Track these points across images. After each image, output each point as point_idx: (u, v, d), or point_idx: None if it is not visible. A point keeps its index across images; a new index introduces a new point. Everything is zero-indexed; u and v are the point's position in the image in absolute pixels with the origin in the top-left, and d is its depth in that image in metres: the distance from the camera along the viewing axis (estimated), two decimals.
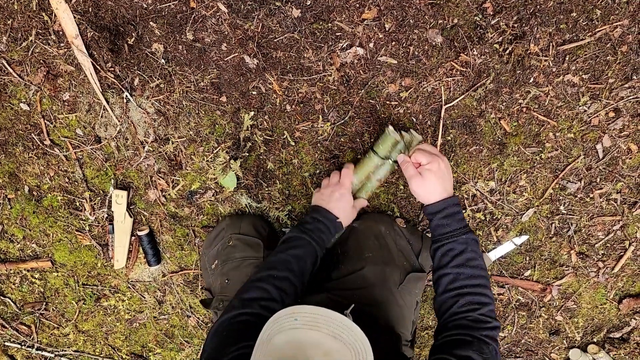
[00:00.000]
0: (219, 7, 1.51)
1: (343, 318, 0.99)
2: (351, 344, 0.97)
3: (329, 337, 0.97)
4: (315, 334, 0.97)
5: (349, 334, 0.98)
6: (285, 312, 1.00)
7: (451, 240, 1.25)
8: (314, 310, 1.00)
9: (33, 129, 1.69)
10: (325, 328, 0.98)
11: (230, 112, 1.64)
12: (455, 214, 1.28)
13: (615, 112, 1.62)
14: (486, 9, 1.50)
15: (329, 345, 0.96)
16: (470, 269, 1.21)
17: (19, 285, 1.99)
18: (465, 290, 1.19)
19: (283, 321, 0.99)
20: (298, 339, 0.97)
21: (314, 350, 0.95)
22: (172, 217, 1.82)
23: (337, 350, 0.95)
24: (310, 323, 0.98)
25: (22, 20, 1.53)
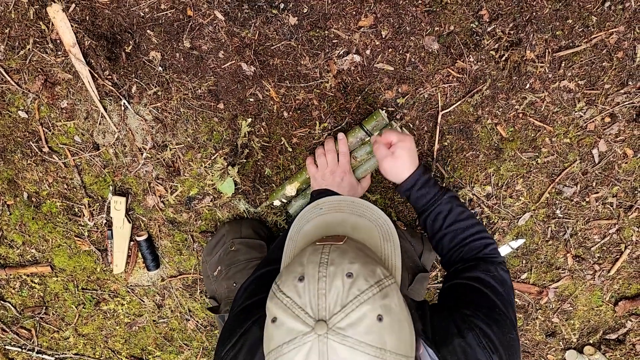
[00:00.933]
0: (216, 15, 1.51)
1: (364, 201, 1.07)
2: (375, 220, 1.04)
3: (354, 216, 1.04)
4: (340, 215, 1.04)
5: (371, 212, 1.05)
6: (309, 206, 1.08)
7: (436, 205, 1.29)
8: (337, 198, 1.08)
9: (31, 136, 1.69)
10: (349, 210, 1.05)
11: (228, 118, 1.65)
12: (429, 180, 1.32)
13: (611, 118, 1.63)
14: (482, 16, 1.51)
15: (355, 221, 1.03)
16: (463, 221, 1.27)
17: (19, 289, 2.00)
18: (467, 240, 1.25)
19: (309, 213, 1.07)
20: (325, 221, 1.04)
21: (342, 227, 1.02)
22: (170, 222, 1.83)
23: (363, 224, 1.02)
24: (335, 208, 1.06)
25: (19, 29, 1.53)
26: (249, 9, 1.50)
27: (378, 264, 0.86)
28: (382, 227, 1.03)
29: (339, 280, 0.79)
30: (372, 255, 0.92)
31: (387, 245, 1.00)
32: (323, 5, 1.50)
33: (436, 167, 1.70)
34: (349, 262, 0.82)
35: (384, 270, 0.86)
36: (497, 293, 1.11)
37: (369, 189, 1.74)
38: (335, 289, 0.79)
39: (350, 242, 0.91)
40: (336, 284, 0.79)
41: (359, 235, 1.00)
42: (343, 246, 0.88)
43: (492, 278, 1.14)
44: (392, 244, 1.00)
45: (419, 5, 1.49)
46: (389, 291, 0.82)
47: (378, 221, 1.04)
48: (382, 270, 0.85)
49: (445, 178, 1.72)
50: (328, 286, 0.79)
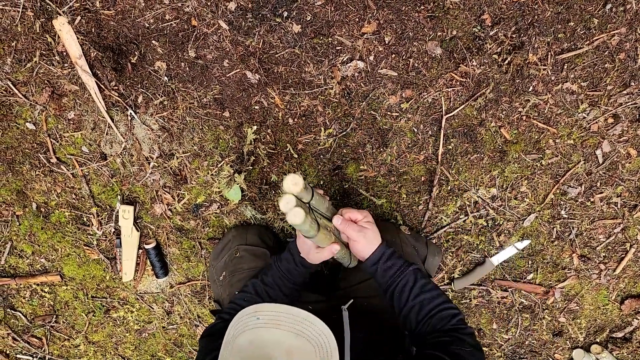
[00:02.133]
0: (220, 24, 1.52)
1: (305, 314, 0.99)
2: (314, 339, 0.97)
3: (291, 335, 0.96)
4: (277, 332, 0.97)
5: (311, 329, 0.98)
6: (247, 310, 1.01)
7: (402, 277, 1.27)
8: (276, 308, 1.00)
9: (39, 147, 1.71)
10: (287, 325, 0.97)
11: (234, 126, 1.66)
12: (393, 253, 1.30)
13: (614, 118, 1.64)
14: (484, 21, 1.52)
15: (291, 343, 0.96)
16: (429, 292, 1.24)
17: (29, 299, 2.02)
18: (434, 311, 1.22)
19: (246, 320, 1.00)
20: (260, 337, 0.97)
21: (276, 349, 0.95)
22: (178, 230, 1.84)
23: (299, 347, 0.95)
24: (272, 321, 0.98)
25: (25, 42, 1.55)
26: (253, 17, 1.51)
27: None
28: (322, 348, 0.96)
29: None
30: None
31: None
32: (326, 13, 1.51)
33: (441, 170, 1.71)
34: None
35: None
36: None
37: (375, 192, 1.76)
38: None
39: None
40: None
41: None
42: None
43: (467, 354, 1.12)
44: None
45: (421, 11, 1.51)
46: None
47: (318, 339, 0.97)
48: None
49: (450, 181, 1.73)
50: None
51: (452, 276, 1.93)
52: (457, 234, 1.84)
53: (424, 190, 1.77)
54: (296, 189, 1.09)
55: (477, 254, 1.88)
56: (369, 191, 1.76)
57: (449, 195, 1.77)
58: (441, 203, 1.78)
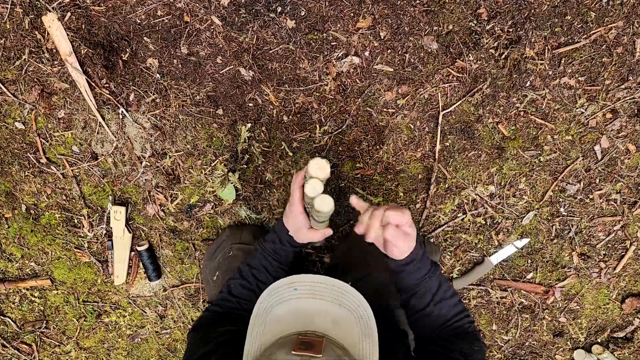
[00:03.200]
0: (213, 20, 1.50)
1: (343, 284, 0.97)
2: (355, 310, 0.95)
3: (334, 305, 0.95)
4: (319, 302, 0.95)
5: (350, 299, 0.96)
6: (283, 282, 0.98)
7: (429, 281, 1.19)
8: (314, 279, 0.98)
9: (29, 147, 1.67)
10: (328, 296, 0.96)
11: (227, 124, 1.63)
12: (425, 254, 1.21)
13: (612, 113, 1.62)
14: (481, 15, 1.50)
15: (335, 313, 0.94)
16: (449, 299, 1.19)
17: (18, 304, 1.97)
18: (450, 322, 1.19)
19: (282, 291, 0.97)
20: (302, 308, 0.94)
21: (322, 318, 0.93)
22: (171, 231, 1.81)
23: (344, 317, 0.94)
24: (312, 291, 0.96)
25: (14, 39, 1.52)
26: (246, 13, 1.49)
27: None
28: (362, 319, 0.95)
29: None
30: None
31: (366, 343, 0.92)
32: (321, 8, 1.49)
33: (438, 167, 1.69)
34: None
35: None
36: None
37: (371, 191, 1.73)
38: None
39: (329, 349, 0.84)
40: None
41: (339, 333, 0.92)
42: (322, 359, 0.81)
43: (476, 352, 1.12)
44: (371, 340, 0.93)
45: (417, 5, 1.49)
46: None
47: (358, 311, 0.95)
48: None
49: (448, 179, 1.71)
50: None
51: (451, 276, 1.90)
52: (455, 232, 1.81)
53: (421, 188, 1.74)
54: (322, 174, 1.07)
55: (475, 253, 1.85)
56: (366, 190, 1.73)
57: (447, 193, 1.74)
58: (439, 201, 1.76)
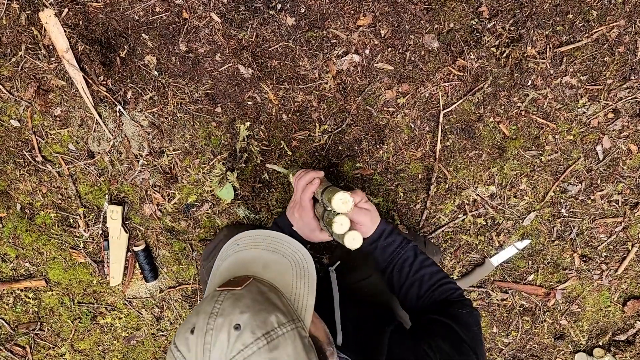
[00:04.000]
0: (212, 17, 1.48)
1: (282, 235, 1.04)
2: (290, 255, 1.01)
3: (267, 252, 1.02)
4: (254, 251, 1.02)
5: (287, 247, 1.02)
6: (229, 242, 1.06)
7: (402, 253, 1.26)
8: (255, 233, 1.06)
9: (24, 145, 1.65)
10: (264, 245, 1.03)
11: (226, 123, 1.62)
12: (394, 229, 1.30)
13: (614, 113, 1.61)
14: (482, 13, 1.49)
15: (268, 257, 1.00)
16: (429, 267, 1.24)
17: (12, 305, 1.94)
18: (435, 286, 1.22)
19: (227, 249, 1.05)
20: (240, 258, 1.02)
21: (253, 264, 0.99)
22: (168, 231, 1.78)
23: (276, 261, 0.99)
24: (251, 244, 1.04)
25: (11, 36, 1.50)
26: (246, 10, 1.48)
27: (275, 311, 0.82)
28: (298, 263, 0.99)
29: (225, 333, 0.76)
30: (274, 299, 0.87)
31: (301, 283, 0.96)
32: (321, 5, 1.48)
33: (439, 167, 1.67)
34: (239, 311, 0.79)
35: (281, 317, 0.82)
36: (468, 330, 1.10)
37: (371, 191, 1.71)
38: (220, 343, 0.76)
39: (252, 286, 0.88)
40: (221, 337, 0.76)
41: (269, 275, 0.96)
42: (240, 292, 0.84)
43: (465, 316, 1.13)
44: (307, 282, 0.96)
45: (417, 3, 1.48)
46: (281, 342, 0.78)
47: (294, 256, 1.01)
48: (278, 317, 0.81)
49: (449, 179, 1.69)
50: (213, 340, 0.76)
51: (451, 277, 1.88)
52: (455, 233, 1.79)
53: (421, 188, 1.72)
54: (345, 208, 1.13)
55: (476, 255, 1.83)
56: (365, 189, 1.71)
57: (447, 193, 1.72)
58: (439, 201, 1.74)
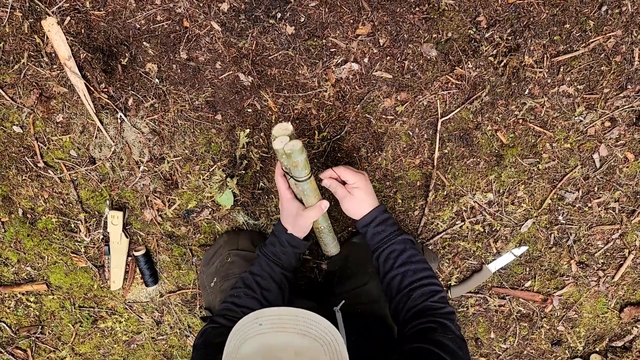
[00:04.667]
0: (213, 25, 1.50)
1: (308, 313, 0.97)
2: (321, 337, 0.95)
3: (297, 336, 0.94)
4: (282, 335, 0.95)
5: (317, 328, 0.96)
6: (248, 318, 0.97)
7: (390, 243, 1.26)
8: (278, 312, 0.98)
9: (26, 151, 1.67)
10: (292, 327, 0.95)
11: (226, 130, 1.63)
12: (387, 219, 1.30)
13: (611, 122, 1.63)
14: (480, 22, 1.51)
15: (299, 343, 0.93)
16: (414, 264, 1.23)
17: (14, 309, 1.95)
18: (415, 284, 1.20)
19: (247, 328, 0.97)
20: (266, 344, 0.94)
21: (284, 352, 0.92)
22: (168, 236, 1.80)
23: (308, 347, 0.93)
24: (276, 325, 0.96)
25: (13, 43, 1.52)
26: (246, 19, 1.49)
27: None
28: (330, 346, 0.95)
29: None
30: None
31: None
32: (320, 14, 1.49)
33: (437, 175, 1.68)
34: None
35: None
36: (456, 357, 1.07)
37: None
38: None
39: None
40: None
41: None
42: None
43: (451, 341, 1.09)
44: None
45: (416, 13, 1.49)
46: None
47: (325, 338, 0.95)
48: None
49: (447, 186, 1.71)
50: None
51: (449, 283, 1.89)
52: (453, 240, 1.81)
53: (419, 195, 1.74)
54: (286, 132, 1.18)
55: (474, 261, 1.85)
56: None
57: (445, 200, 1.74)
58: (437, 208, 1.75)
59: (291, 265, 1.39)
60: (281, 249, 1.36)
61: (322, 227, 1.47)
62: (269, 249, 1.38)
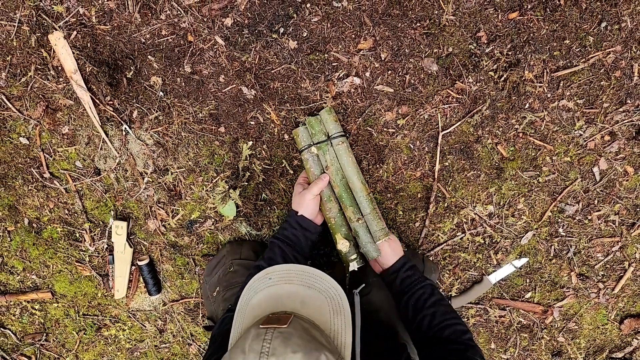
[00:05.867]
0: (217, 40, 1.52)
1: (315, 270, 1.04)
2: (325, 291, 1.01)
3: (303, 287, 1.01)
4: (289, 287, 1.02)
5: (321, 282, 1.03)
6: (259, 275, 1.06)
7: (419, 287, 1.34)
8: (287, 267, 1.06)
9: (32, 162, 1.69)
10: (298, 280, 1.03)
11: (229, 142, 1.65)
12: (413, 266, 1.40)
13: (610, 136, 1.64)
14: (480, 38, 1.52)
15: (305, 294, 1.00)
16: (443, 307, 1.30)
17: (19, 316, 1.98)
18: (448, 322, 1.26)
19: (258, 283, 1.04)
20: (274, 293, 1.01)
21: (291, 300, 0.99)
22: (172, 246, 1.82)
23: (312, 297, 0.99)
24: (284, 278, 1.04)
25: (21, 57, 1.54)
26: (249, 33, 1.51)
27: (323, 349, 0.83)
28: (334, 299, 1.00)
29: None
30: (318, 337, 0.88)
31: (338, 320, 0.97)
32: (322, 29, 1.51)
33: (437, 187, 1.70)
34: (291, 351, 0.80)
35: (330, 355, 0.83)
36: None
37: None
38: None
39: (296, 322, 0.89)
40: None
41: (308, 311, 0.97)
42: (287, 330, 0.85)
43: None
44: (343, 317, 0.98)
45: (417, 28, 1.51)
46: None
47: (329, 292, 1.01)
48: (327, 356, 0.82)
49: (447, 198, 1.72)
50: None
51: (450, 294, 1.90)
52: (454, 251, 1.82)
53: (420, 207, 1.75)
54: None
55: (474, 272, 1.86)
56: None
57: (446, 212, 1.75)
58: (438, 220, 1.77)
59: (303, 250, 1.44)
60: (292, 231, 1.43)
61: (334, 220, 1.51)
62: (280, 233, 1.44)
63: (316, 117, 1.52)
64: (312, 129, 1.52)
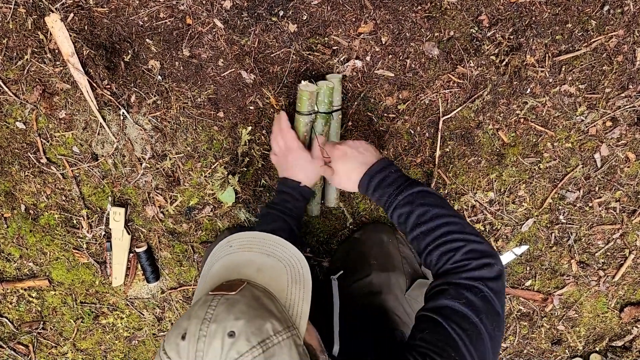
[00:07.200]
0: (215, 23, 1.50)
1: (277, 238, 1.00)
2: (285, 259, 0.98)
3: (262, 255, 0.98)
4: (248, 254, 0.99)
5: (283, 251, 0.99)
6: (221, 242, 1.03)
7: (393, 208, 1.14)
8: (248, 235, 1.02)
9: (29, 147, 1.68)
10: (258, 248, 0.99)
11: (228, 127, 1.64)
12: (381, 181, 1.17)
13: (612, 122, 1.63)
14: (482, 22, 1.51)
15: (261, 261, 0.97)
16: (425, 224, 1.07)
17: (16, 304, 1.96)
18: (430, 247, 1.06)
19: (219, 250, 1.02)
20: (233, 261, 0.98)
21: (247, 267, 0.96)
22: (170, 233, 1.80)
23: (270, 265, 0.96)
24: (245, 246, 1.00)
25: (17, 40, 1.52)
26: (249, 16, 1.50)
27: (270, 317, 0.81)
28: (293, 268, 0.96)
29: (219, 340, 0.75)
30: (269, 305, 0.85)
31: (296, 289, 0.93)
32: (322, 12, 1.49)
33: (438, 173, 1.69)
34: (234, 317, 0.77)
35: (277, 324, 0.80)
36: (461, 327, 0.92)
37: None
38: (213, 351, 0.74)
39: (247, 290, 0.86)
40: (215, 345, 0.74)
41: (263, 279, 0.93)
42: (235, 297, 0.82)
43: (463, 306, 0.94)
44: (302, 287, 0.93)
45: (418, 11, 1.49)
46: (276, 350, 0.77)
47: (290, 260, 0.97)
48: (273, 324, 0.79)
49: (448, 184, 1.71)
50: (206, 347, 0.74)
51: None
52: None
53: None
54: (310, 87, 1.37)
55: None
56: None
57: (446, 198, 1.74)
58: None
59: (300, 218, 1.41)
60: (295, 203, 1.37)
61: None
62: (283, 205, 1.37)
63: (328, 85, 1.41)
64: (321, 97, 1.42)
